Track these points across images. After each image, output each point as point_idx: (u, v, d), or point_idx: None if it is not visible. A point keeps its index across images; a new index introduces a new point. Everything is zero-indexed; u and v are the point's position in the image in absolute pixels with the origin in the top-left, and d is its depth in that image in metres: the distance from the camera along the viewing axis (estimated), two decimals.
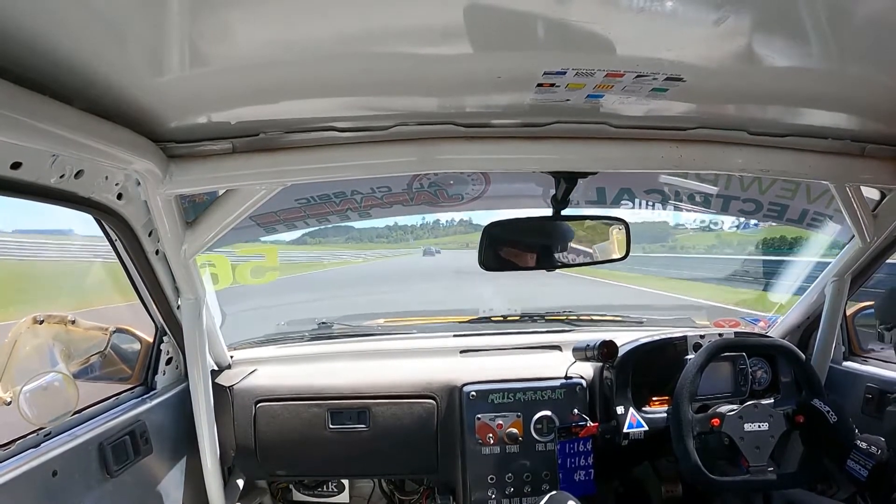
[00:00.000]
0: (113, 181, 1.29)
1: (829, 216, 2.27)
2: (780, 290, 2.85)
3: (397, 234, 15.89)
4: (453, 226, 13.42)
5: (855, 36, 0.91)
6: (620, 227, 1.65)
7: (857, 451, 1.60)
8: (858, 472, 1.59)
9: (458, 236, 14.19)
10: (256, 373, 1.96)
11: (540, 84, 1.06)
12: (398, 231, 15.60)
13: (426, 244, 15.32)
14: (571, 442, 1.84)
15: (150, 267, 1.54)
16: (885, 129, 1.36)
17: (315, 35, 0.86)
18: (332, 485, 2.18)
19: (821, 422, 1.65)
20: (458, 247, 13.40)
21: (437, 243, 15.19)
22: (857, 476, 1.59)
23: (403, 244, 16.34)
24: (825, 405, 1.65)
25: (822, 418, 1.65)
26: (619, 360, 1.85)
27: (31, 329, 1.38)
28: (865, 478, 1.58)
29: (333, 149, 1.32)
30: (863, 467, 1.59)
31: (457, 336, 2.22)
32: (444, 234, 15.11)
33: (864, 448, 1.60)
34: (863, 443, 1.60)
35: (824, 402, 1.67)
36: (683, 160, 1.40)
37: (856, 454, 1.60)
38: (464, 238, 13.35)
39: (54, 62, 0.83)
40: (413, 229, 15.21)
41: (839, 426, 1.63)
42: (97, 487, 1.38)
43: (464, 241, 12.89)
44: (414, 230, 15.29)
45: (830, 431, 1.64)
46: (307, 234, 9.45)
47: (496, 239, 1.55)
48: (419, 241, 15.51)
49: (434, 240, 15.36)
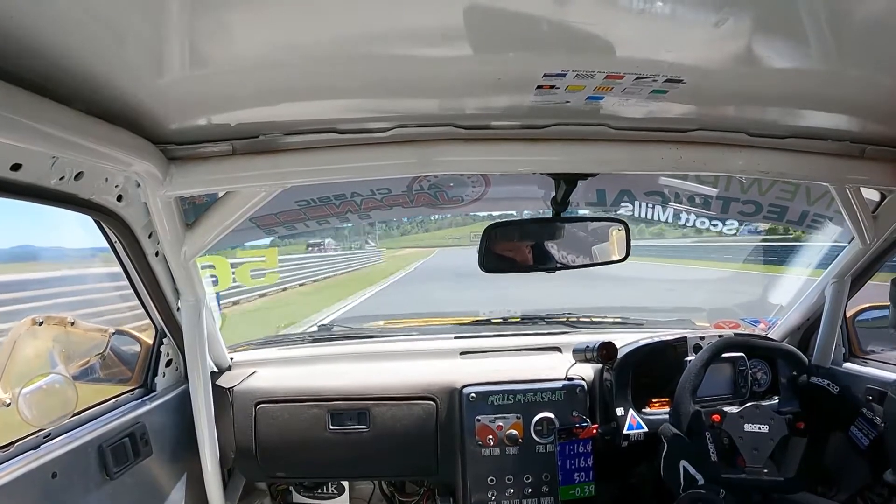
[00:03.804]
0: (113, 183, 1.29)
1: (829, 218, 2.28)
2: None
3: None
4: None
5: (855, 37, 0.91)
6: (620, 228, 1.65)
7: (861, 419, 1.62)
8: (860, 439, 1.61)
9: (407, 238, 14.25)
10: (256, 374, 1.96)
11: (540, 86, 1.06)
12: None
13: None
14: (571, 443, 1.83)
15: (149, 269, 1.54)
16: (884, 131, 1.37)
17: (315, 37, 0.86)
18: (332, 486, 2.17)
19: (823, 396, 1.66)
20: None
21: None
22: (859, 443, 1.61)
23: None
24: (824, 380, 1.67)
25: (823, 392, 1.66)
26: (618, 361, 1.85)
27: (30, 330, 1.38)
28: (866, 447, 1.60)
29: (333, 150, 1.33)
30: (865, 436, 1.60)
31: (457, 338, 2.21)
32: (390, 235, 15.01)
33: (870, 417, 1.62)
34: (869, 412, 1.62)
35: (822, 378, 1.68)
36: (683, 162, 1.40)
37: (860, 422, 1.62)
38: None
39: (54, 64, 0.83)
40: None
41: (843, 394, 1.65)
42: (97, 489, 1.38)
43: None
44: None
45: (834, 402, 1.65)
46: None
47: (496, 241, 1.55)
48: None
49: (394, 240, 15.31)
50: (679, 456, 1.53)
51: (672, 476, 1.55)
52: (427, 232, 15.88)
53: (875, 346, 2.03)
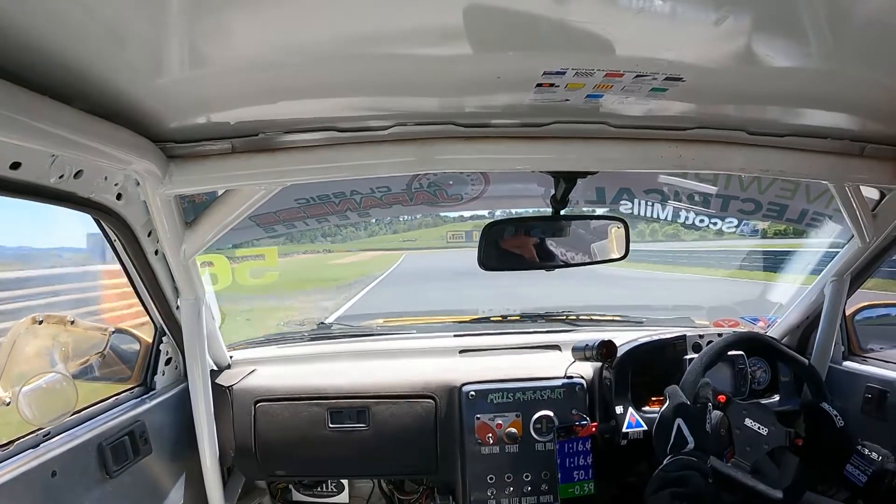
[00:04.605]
0: (112, 181, 1.29)
1: (828, 216, 2.28)
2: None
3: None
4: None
5: (854, 36, 0.91)
6: (619, 226, 1.65)
7: (857, 456, 1.57)
8: (857, 477, 1.56)
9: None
10: (256, 373, 1.96)
11: (539, 84, 1.06)
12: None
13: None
14: (571, 441, 1.83)
15: (149, 267, 1.54)
16: (884, 129, 1.36)
17: (314, 35, 0.86)
18: (331, 485, 2.18)
19: (826, 425, 1.62)
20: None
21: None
22: (856, 481, 1.56)
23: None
24: (833, 409, 1.62)
25: (828, 421, 1.61)
26: (618, 359, 1.85)
27: (30, 329, 1.38)
28: (864, 483, 1.55)
29: (333, 149, 1.32)
30: (862, 473, 1.55)
31: (456, 336, 2.21)
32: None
33: (866, 454, 1.57)
34: (864, 448, 1.57)
35: (832, 406, 1.63)
36: (683, 160, 1.40)
37: (856, 459, 1.57)
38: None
39: (54, 62, 0.83)
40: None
41: (845, 430, 1.60)
42: (96, 488, 1.38)
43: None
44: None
45: (834, 435, 1.60)
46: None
47: (495, 239, 1.55)
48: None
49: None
50: (678, 414, 1.50)
51: (663, 433, 1.52)
52: (395, 234, 14.98)
53: (874, 345, 2.03)
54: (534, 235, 1.60)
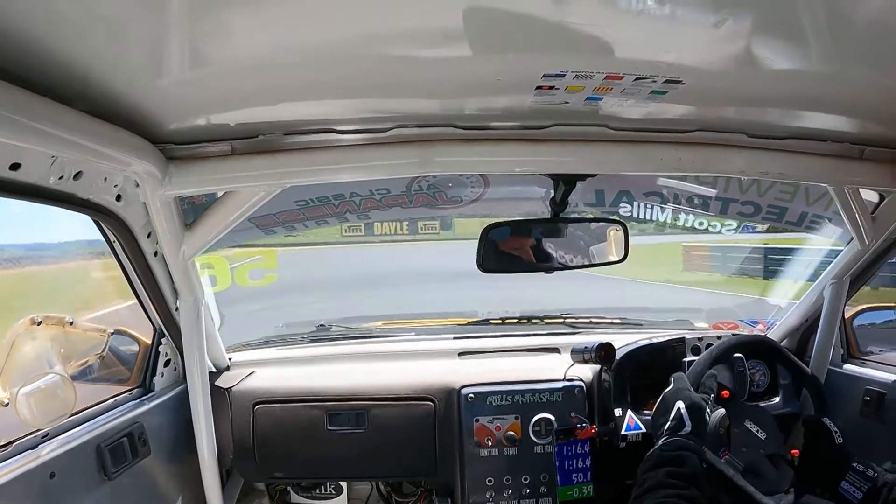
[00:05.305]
0: (112, 183, 1.29)
1: (827, 218, 2.28)
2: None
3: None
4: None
5: (854, 39, 0.91)
6: (619, 228, 1.65)
7: (852, 473, 1.56)
8: (853, 493, 1.55)
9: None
10: (255, 375, 1.95)
11: (539, 86, 1.06)
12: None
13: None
14: (569, 444, 1.83)
15: (148, 269, 1.54)
16: (883, 132, 1.37)
17: (314, 37, 0.86)
18: (329, 487, 2.17)
19: (825, 439, 1.61)
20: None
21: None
22: (851, 498, 1.55)
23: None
24: (833, 426, 1.62)
25: (827, 436, 1.61)
26: (617, 362, 1.85)
27: (28, 330, 1.37)
28: (860, 500, 1.54)
29: (333, 151, 1.32)
30: (857, 489, 1.54)
31: (455, 338, 2.21)
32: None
33: (861, 470, 1.56)
34: (860, 465, 1.56)
35: (834, 422, 1.63)
36: (682, 162, 1.40)
37: (851, 475, 1.56)
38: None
39: (54, 63, 0.83)
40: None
41: (843, 447, 1.60)
42: (95, 489, 1.37)
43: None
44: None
45: (832, 451, 1.60)
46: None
47: (495, 241, 1.55)
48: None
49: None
50: (680, 397, 1.48)
51: (662, 413, 1.49)
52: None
53: (874, 347, 2.03)
54: (533, 238, 1.61)
